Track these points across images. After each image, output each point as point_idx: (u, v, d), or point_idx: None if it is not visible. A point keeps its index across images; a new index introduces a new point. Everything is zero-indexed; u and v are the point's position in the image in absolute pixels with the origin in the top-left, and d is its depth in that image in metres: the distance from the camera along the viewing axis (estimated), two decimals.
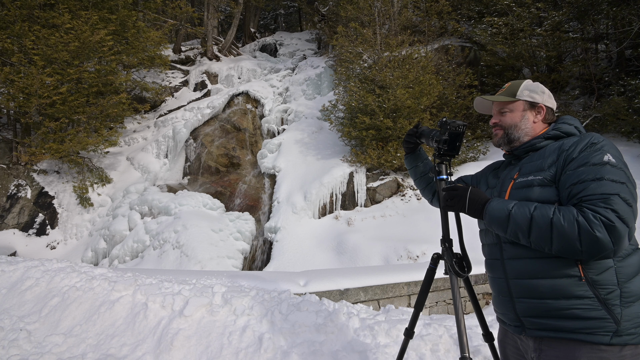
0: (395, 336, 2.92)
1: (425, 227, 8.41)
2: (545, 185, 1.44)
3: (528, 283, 1.43)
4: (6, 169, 12.19)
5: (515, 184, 1.56)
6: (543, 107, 1.62)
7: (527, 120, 1.62)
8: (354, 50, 11.92)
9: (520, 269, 1.46)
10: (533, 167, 1.52)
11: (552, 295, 1.37)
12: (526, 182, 1.50)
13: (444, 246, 1.74)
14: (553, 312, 1.37)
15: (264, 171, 11.98)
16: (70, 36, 11.87)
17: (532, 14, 10.19)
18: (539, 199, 1.43)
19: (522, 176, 1.55)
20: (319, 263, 8.30)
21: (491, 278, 1.63)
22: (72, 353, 3.20)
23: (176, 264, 8.92)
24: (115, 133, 13.39)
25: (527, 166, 1.57)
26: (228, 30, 22.23)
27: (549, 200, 1.42)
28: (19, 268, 4.86)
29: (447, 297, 5.54)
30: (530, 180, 1.49)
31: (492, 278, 1.62)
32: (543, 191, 1.44)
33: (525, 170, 1.56)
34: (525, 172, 1.55)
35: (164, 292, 3.69)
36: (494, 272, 1.60)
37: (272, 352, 2.85)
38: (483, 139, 11.01)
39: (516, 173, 1.59)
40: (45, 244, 11.47)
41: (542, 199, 1.42)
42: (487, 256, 1.66)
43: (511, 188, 1.57)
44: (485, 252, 1.68)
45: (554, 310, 1.37)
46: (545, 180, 1.45)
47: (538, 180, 1.46)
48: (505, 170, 1.70)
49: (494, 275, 1.60)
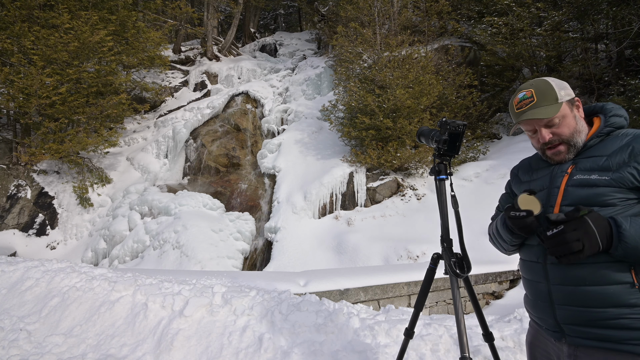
0: (395, 336, 2.92)
1: (425, 227, 8.42)
2: (615, 187, 1.29)
3: (573, 290, 1.31)
4: (6, 169, 12.18)
5: (572, 180, 1.38)
6: (579, 100, 1.48)
7: (579, 119, 1.45)
8: (354, 50, 11.92)
9: (565, 274, 1.33)
10: (594, 165, 1.36)
11: (600, 303, 1.26)
12: (589, 182, 1.33)
13: (443, 246, 1.73)
14: (599, 322, 1.26)
15: (264, 171, 11.98)
16: (69, 36, 11.87)
17: (532, 13, 10.19)
18: (618, 203, 1.28)
19: (582, 172, 1.37)
20: (319, 263, 8.30)
21: (528, 280, 1.50)
22: (72, 353, 3.20)
23: (176, 264, 8.92)
24: (115, 133, 13.38)
25: (585, 162, 1.39)
26: (228, 30, 22.22)
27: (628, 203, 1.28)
28: (19, 268, 4.86)
29: (447, 297, 5.54)
30: (594, 180, 1.32)
31: (530, 281, 1.49)
32: (615, 193, 1.28)
33: (583, 165, 1.39)
34: (584, 168, 1.38)
35: (164, 292, 3.69)
36: (532, 275, 1.47)
37: (272, 352, 2.85)
38: (483, 139, 11.01)
39: (570, 166, 1.42)
40: (45, 244, 11.47)
41: (623, 204, 1.28)
42: (525, 257, 1.51)
43: (566, 184, 1.39)
44: (522, 252, 1.55)
45: (600, 319, 1.26)
46: (617, 182, 1.29)
47: (605, 181, 1.30)
48: (546, 165, 1.52)
49: (532, 278, 1.47)
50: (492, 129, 11.52)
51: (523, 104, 1.46)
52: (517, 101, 1.48)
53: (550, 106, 1.41)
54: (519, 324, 3.18)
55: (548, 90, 1.43)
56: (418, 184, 10.07)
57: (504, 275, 6.26)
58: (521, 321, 3.25)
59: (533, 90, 1.45)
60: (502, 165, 9.39)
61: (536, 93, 1.44)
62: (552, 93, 1.42)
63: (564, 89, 1.44)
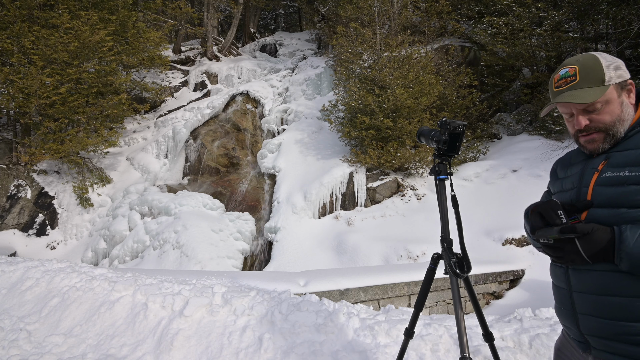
0: (395, 336, 2.92)
1: (425, 227, 8.42)
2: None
3: (597, 299, 1.17)
4: (6, 169, 12.18)
5: (600, 178, 1.21)
6: (632, 83, 1.26)
7: (626, 106, 1.24)
8: (354, 50, 11.92)
9: (587, 281, 1.20)
10: (627, 159, 1.17)
11: (626, 316, 1.11)
12: (618, 179, 1.16)
13: (443, 246, 1.73)
14: (626, 337, 1.12)
15: (264, 171, 11.98)
16: (69, 36, 11.88)
17: (532, 13, 10.19)
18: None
19: (612, 169, 1.19)
20: (319, 263, 8.30)
21: (554, 285, 1.39)
22: (72, 353, 3.20)
23: (176, 264, 8.92)
24: (115, 133, 13.39)
25: (617, 155, 1.21)
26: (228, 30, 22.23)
27: None
28: (19, 268, 4.87)
29: (447, 297, 5.54)
30: (624, 177, 1.15)
31: (555, 285, 1.38)
32: (637, 193, 1.11)
33: (615, 160, 1.20)
34: (615, 163, 1.20)
35: (164, 292, 3.69)
36: (556, 279, 1.36)
37: (272, 352, 2.85)
38: (483, 139, 11.01)
39: (601, 163, 1.24)
40: (45, 244, 11.47)
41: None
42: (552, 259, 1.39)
43: (594, 183, 1.23)
44: None
45: (627, 334, 1.12)
46: None
47: (635, 178, 1.12)
48: (582, 158, 1.35)
49: (556, 282, 1.36)
50: (492, 129, 11.52)
51: (563, 82, 1.28)
52: (557, 78, 1.30)
53: (593, 89, 1.22)
54: (519, 324, 3.18)
55: (595, 69, 1.23)
56: (418, 184, 10.07)
57: (504, 276, 6.26)
58: (521, 321, 3.25)
59: (577, 67, 1.26)
60: (502, 165, 9.39)
61: (580, 71, 1.25)
62: (599, 73, 1.22)
63: (615, 69, 1.23)
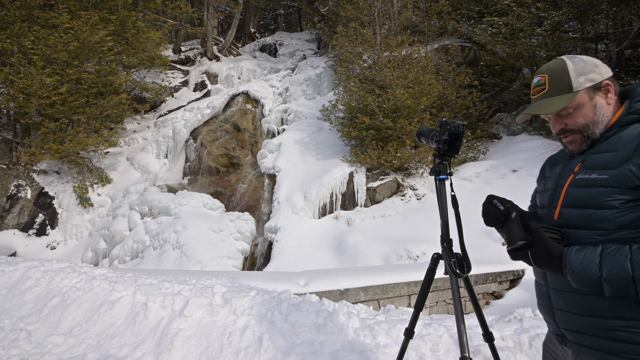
0: (395, 336, 2.92)
1: (425, 227, 8.41)
2: (614, 187, 1.14)
3: (569, 296, 1.25)
4: (6, 169, 12.18)
5: (574, 180, 1.26)
6: (609, 83, 1.26)
7: (601, 107, 1.26)
8: (354, 50, 11.92)
9: (562, 280, 1.25)
10: (600, 161, 1.21)
11: (596, 312, 1.18)
12: (588, 181, 1.20)
13: (443, 246, 1.73)
14: (596, 331, 1.19)
15: (264, 171, 11.98)
16: (69, 36, 11.88)
17: (532, 13, 10.19)
18: (618, 205, 1.13)
19: (585, 171, 1.23)
20: (319, 263, 8.30)
21: (535, 281, 1.47)
22: (72, 353, 3.20)
23: (176, 264, 8.92)
24: (115, 133, 13.39)
25: (593, 157, 1.24)
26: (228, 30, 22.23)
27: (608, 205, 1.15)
28: (19, 268, 4.86)
29: (447, 297, 5.54)
30: (593, 179, 1.19)
31: (536, 282, 1.45)
32: (615, 194, 1.13)
33: (590, 162, 1.24)
34: (590, 165, 1.23)
35: (164, 292, 3.69)
36: (537, 276, 1.43)
37: (272, 352, 2.85)
38: (483, 139, 11.01)
39: (578, 164, 1.28)
40: (45, 244, 11.47)
41: (623, 206, 1.13)
42: None
43: (568, 185, 1.27)
44: None
45: (597, 328, 1.19)
46: (616, 181, 1.14)
47: (602, 180, 1.16)
48: (566, 158, 1.39)
49: (537, 279, 1.43)
50: (492, 129, 11.52)
51: (536, 91, 1.34)
52: (532, 86, 1.36)
53: (560, 97, 1.26)
54: (519, 324, 3.18)
55: (562, 77, 1.27)
56: (418, 184, 10.07)
57: (504, 275, 6.26)
58: (521, 321, 3.25)
59: (547, 76, 1.31)
60: (502, 165, 9.39)
61: (549, 80, 1.30)
62: (566, 81, 1.26)
63: (584, 73, 1.25)
